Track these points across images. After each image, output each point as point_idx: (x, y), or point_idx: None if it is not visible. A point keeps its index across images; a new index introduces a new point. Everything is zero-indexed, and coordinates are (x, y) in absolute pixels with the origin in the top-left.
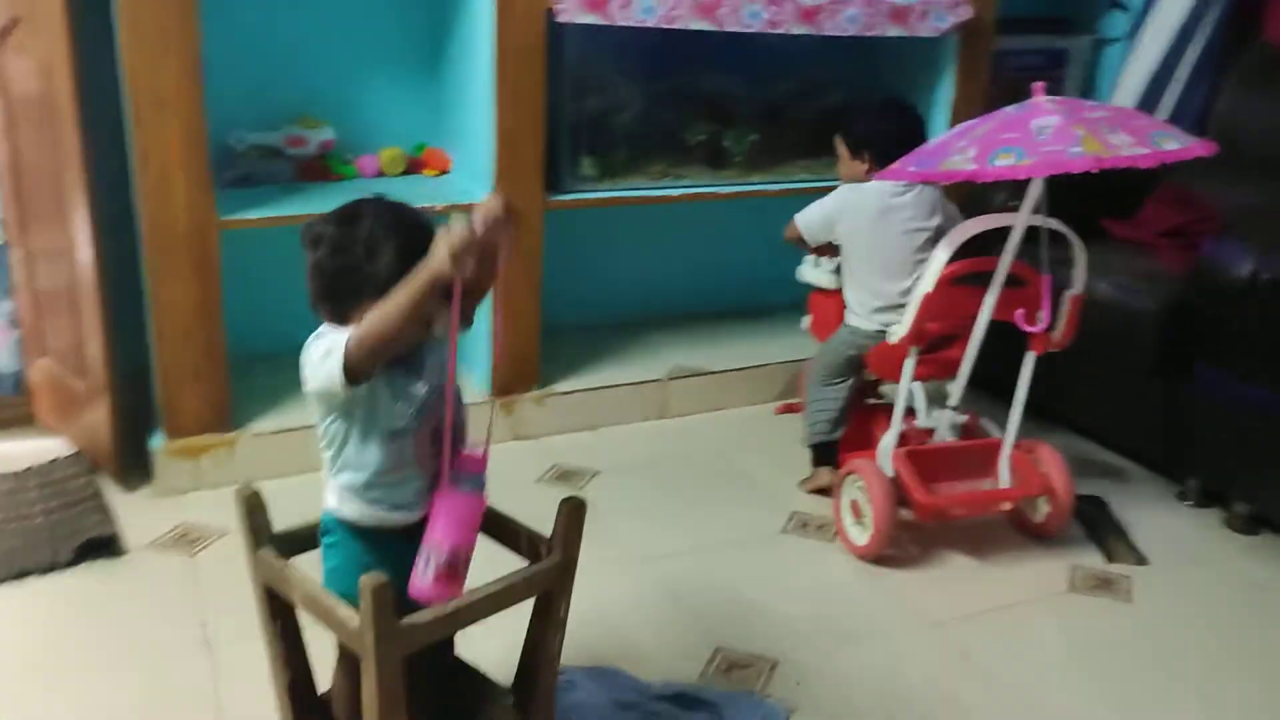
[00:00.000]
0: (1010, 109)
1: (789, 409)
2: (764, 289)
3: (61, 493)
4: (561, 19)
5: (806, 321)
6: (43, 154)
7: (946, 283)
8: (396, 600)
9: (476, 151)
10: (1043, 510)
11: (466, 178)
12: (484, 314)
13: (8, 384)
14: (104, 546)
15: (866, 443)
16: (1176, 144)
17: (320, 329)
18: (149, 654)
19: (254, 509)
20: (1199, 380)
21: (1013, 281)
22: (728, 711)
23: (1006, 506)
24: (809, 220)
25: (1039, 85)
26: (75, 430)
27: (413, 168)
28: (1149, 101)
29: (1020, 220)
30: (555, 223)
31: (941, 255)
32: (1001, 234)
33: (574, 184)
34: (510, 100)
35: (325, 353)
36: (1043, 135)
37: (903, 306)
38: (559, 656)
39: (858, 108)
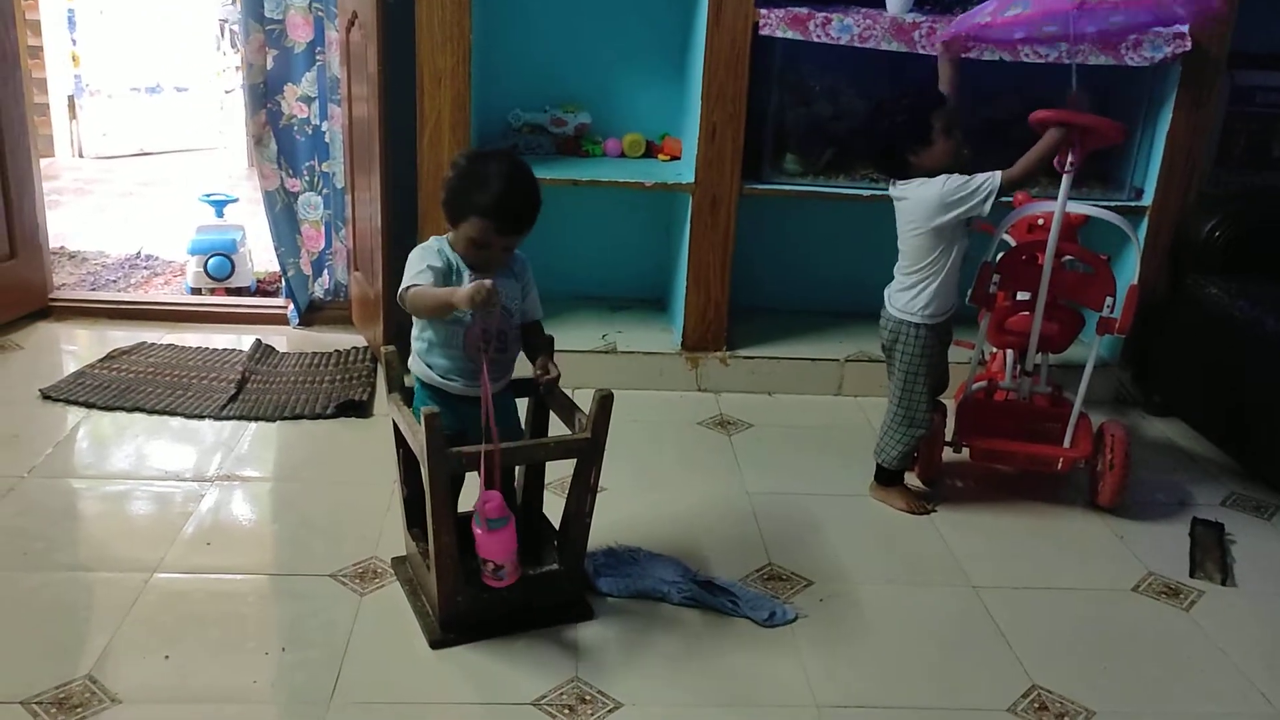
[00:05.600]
0: None
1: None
2: None
3: (346, 370)
4: (764, 33)
5: None
6: (367, 118)
7: (1014, 257)
8: (448, 435)
9: (692, 142)
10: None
11: (688, 164)
12: (679, 282)
13: (341, 292)
14: (358, 408)
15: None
16: None
17: (429, 240)
18: (353, 479)
19: (391, 363)
20: None
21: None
22: (744, 600)
23: (1058, 465)
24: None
25: None
26: (368, 330)
27: (650, 152)
28: None
29: (1060, 203)
30: (764, 214)
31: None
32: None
33: (773, 176)
34: (715, 99)
35: (410, 265)
36: None
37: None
38: (591, 514)
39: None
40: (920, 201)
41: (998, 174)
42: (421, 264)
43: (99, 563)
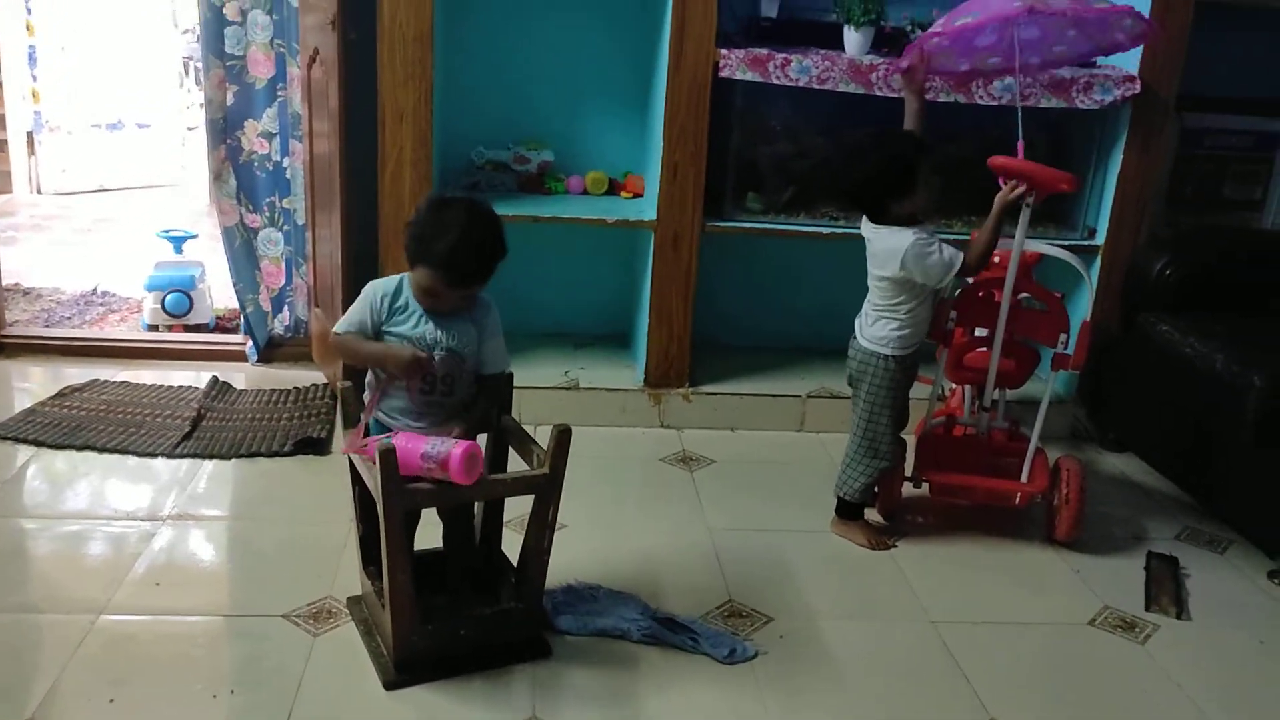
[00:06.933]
0: None
1: None
2: None
3: (305, 407)
4: (724, 74)
5: None
6: (328, 155)
7: (972, 294)
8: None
9: (654, 180)
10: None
11: (650, 202)
12: (642, 318)
13: (302, 329)
14: (316, 445)
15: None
16: (1103, 3)
17: (391, 277)
18: (310, 518)
19: (348, 399)
20: None
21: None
22: (704, 637)
23: (1016, 500)
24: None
25: None
26: (329, 368)
27: (613, 189)
28: None
29: (1017, 243)
30: (726, 251)
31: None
32: None
33: (735, 214)
34: (676, 138)
35: (355, 304)
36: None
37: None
38: (549, 551)
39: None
40: (886, 250)
41: (960, 255)
42: (361, 312)
43: (46, 604)
